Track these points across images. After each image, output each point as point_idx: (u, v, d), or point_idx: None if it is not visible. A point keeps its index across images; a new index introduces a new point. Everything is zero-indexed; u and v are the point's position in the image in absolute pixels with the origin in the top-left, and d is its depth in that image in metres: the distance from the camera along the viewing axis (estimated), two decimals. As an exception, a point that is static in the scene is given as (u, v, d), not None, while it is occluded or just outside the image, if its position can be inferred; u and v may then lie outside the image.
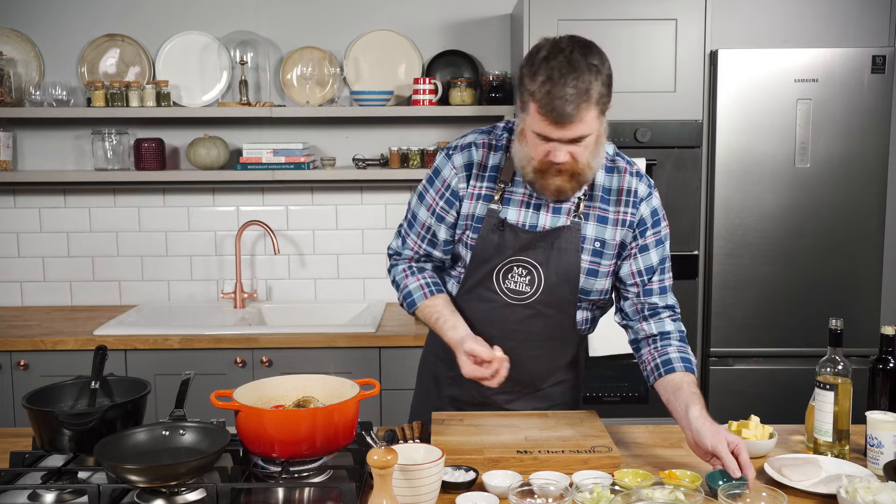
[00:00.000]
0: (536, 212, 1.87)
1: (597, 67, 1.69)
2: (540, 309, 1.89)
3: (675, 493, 1.44)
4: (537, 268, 1.86)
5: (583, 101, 1.65)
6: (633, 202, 1.89)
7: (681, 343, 1.90)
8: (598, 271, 1.89)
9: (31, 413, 1.65)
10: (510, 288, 1.89)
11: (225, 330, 3.05)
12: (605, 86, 1.71)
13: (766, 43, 3.42)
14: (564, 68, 1.65)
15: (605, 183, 1.89)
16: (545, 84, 1.65)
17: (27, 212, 3.55)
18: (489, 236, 1.87)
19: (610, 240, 1.88)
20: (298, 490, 1.59)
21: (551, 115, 1.66)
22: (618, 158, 1.93)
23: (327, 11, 3.53)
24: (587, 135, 1.71)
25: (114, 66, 3.49)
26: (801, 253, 3.14)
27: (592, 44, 1.75)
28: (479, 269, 1.90)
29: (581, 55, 1.68)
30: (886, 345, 1.81)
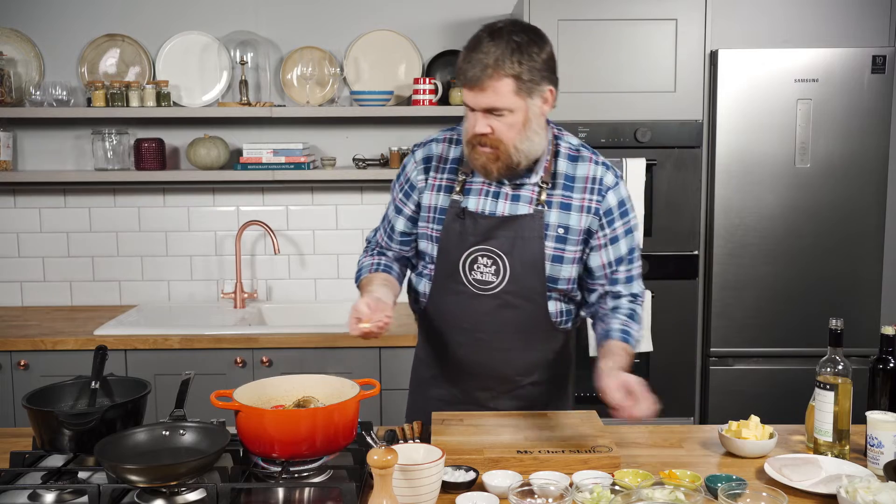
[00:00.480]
0: (495, 199, 1.91)
1: (518, 43, 1.75)
2: (508, 299, 1.91)
3: (675, 493, 1.44)
4: (501, 257, 1.89)
5: (491, 67, 1.73)
6: (599, 190, 1.91)
7: (627, 318, 1.93)
8: (562, 257, 1.91)
9: (31, 413, 1.65)
10: (476, 279, 1.91)
11: (225, 330, 3.05)
12: (528, 66, 1.75)
13: (766, 43, 3.42)
14: (483, 37, 1.77)
15: (567, 171, 1.92)
16: (463, 51, 1.79)
17: (27, 212, 3.55)
18: (451, 226, 1.91)
19: (574, 226, 1.91)
20: (298, 490, 1.58)
21: (463, 78, 1.77)
22: (582, 149, 1.96)
23: (327, 11, 3.53)
24: (502, 108, 1.76)
25: (114, 66, 3.49)
26: (800, 253, 3.14)
27: (534, 28, 1.81)
28: (446, 262, 1.93)
29: (507, 30, 1.77)
30: (886, 345, 1.81)
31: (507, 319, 1.93)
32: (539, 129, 1.84)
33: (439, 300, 1.97)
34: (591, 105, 3.07)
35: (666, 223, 3.12)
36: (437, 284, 1.97)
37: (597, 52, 3.05)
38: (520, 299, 1.91)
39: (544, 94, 1.81)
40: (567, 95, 3.05)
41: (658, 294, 3.12)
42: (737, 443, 1.79)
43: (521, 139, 1.81)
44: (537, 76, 1.77)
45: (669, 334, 3.15)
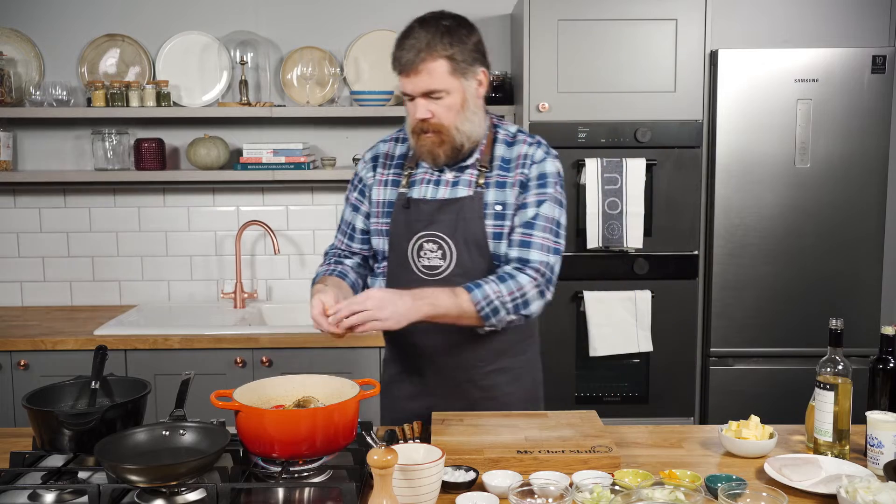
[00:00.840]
0: (436, 186, 1.98)
1: (447, 27, 1.84)
2: (457, 281, 1.91)
3: (675, 493, 1.44)
4: (445, 240, 1.94)
5: (424, 50, 1.82)
6: (526, 164, 1.97)
7: (493, 277, 1.87)
8: (502, 234, 1.95)
9: (31, 413, 1.65)
10: (425, 265, 1.96)
11: (225, 330, 3.05)
12: (459, 47, 1.85)
13: (766, 43, 3.42)
14: (414, 26, 1.88)
15: (504, 154, 1.99)
16: (397, 40, 1.88)
17: (27, 212, 3.55)
18: (398, 216, 1.98)
19: (510, 201, 1.95)
20: (298, 490, 1.58)
21: (397, 66, 1.86)
22: (519, 134, 2.03)
23: (327, 11, 3.53)
24: (440, 89, 1.84)
25: (114, 66, 3.49)
26: (801, 253, 3.14)
27: (460, 16, 1.91)
28: (397, 252, 1.98)
29: (435, 17, 1.86)
30: (886, 345, 1.81)
31: None
32: (477, 109, 1.93)
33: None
34: (591, 105, 3.07)
35: (666, 223, 3.12)
36: (390, 277, 2.01)
37: (597, 52, 3.05)
38: (468, 280, 1.91)
39: (478, 75, 1.91)
40: (567, 95, 3.06)
41: (658, 294, 3.12)
42: (737, 443, 1.78)
43: (462, 120, 1.89)
44: (469, 57, 1.87)
45: (669, 334, 3.15)
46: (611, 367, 3.17)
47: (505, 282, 1.86)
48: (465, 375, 2.02)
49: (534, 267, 1.89)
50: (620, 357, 3.15)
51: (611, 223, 3.05)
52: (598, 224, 3.05)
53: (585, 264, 3.12)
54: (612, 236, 3.05)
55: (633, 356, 3.16)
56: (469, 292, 1.83)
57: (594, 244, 3.05)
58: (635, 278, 3.13)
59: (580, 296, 3.10)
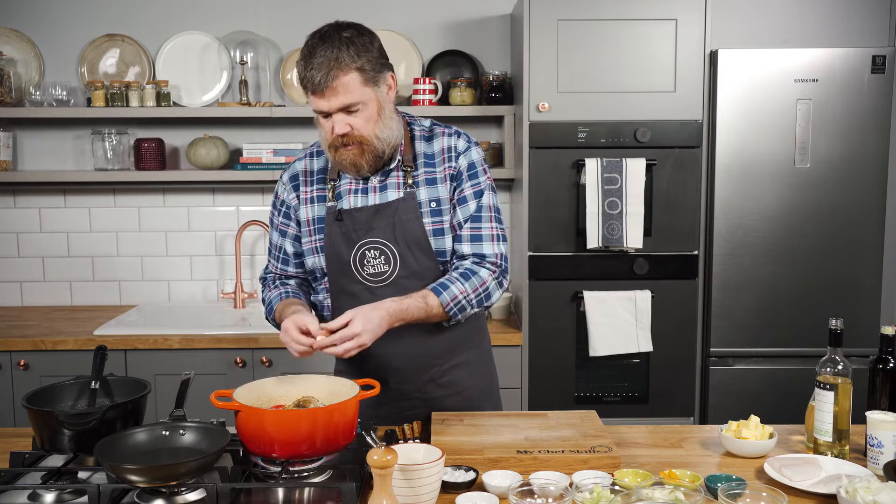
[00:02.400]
0: (365, 195, 1.97)
1: (349, 38, 1.83)
2: (404, 283, 1.93)
3: (675, 493, 1.44)
4: (387, 245, 1.94)
5: (333, 67, 1.79)
6: (453, 157, 1.98)
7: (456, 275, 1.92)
8: (442, 229, 1.96)
9: (31, 413, 1.65)
10: (370, 273, 1.95)
11: (225, 330, 3.05)
12: (364, 57, 1.83)
13: (766, 43, 3.42)
14: (315, 44, 1.83)
15: (424, 150, 1.99)
16: (301, 62, 1.83)
17: (27, 212, 3.55)
18: (332, 229, 1.96)
19: (444, 196, 1.97)
20: (298, 490, 1.58)
21: (310, 87, 1.81)
22: (434, 127, 2.03)
23: (327, 11, 3.52)
24: (355, 102, 1.82)
25: (114, 66, 3.49)
26: (801, 253, 3.14)
27: (355, 23, 1.90)
28: (337, 265, 1.97)
29: (334, 30, 1.85)
30: (886, 345, 1.81)
31: None
32: (392, 114, 1.92)
33: (341, 305, 1.97)
34: (591, 105, 3.07)
35: (666, 223, 3.12)
36: (334, 290, 2.00)
37: (597, 52, 3.05)
38: (415, 281, 1.94)
39: (387, 80, 1.90)
40: (567, 95, 3.06)
41: (658, 294, 3.12)
42: (737, 443, 1.79)
43: (381, 128, 1.88)
44: (377, 65, 1.86)
45: (669, 334, 3.15)
46: (611, 367, 3.17)
47: (469, 279, 1.92)
48: (426, 375, 2.01)
49: (490, 261, 1.96)
50: (620, 357, 3.15)
51: (611, 223, 3.05)
52: (597, 224, 3.05)
53: (585, 264, 3.12)
54: (611, 236, 3.05)
55: (633, 356, 3.16)
56: (437, 295, 1.88)
57: (594, 244, 3.05)
58: (635, 278, 3.13)
59: (580, 296, 3.10)
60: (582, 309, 3.11)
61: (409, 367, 2.00)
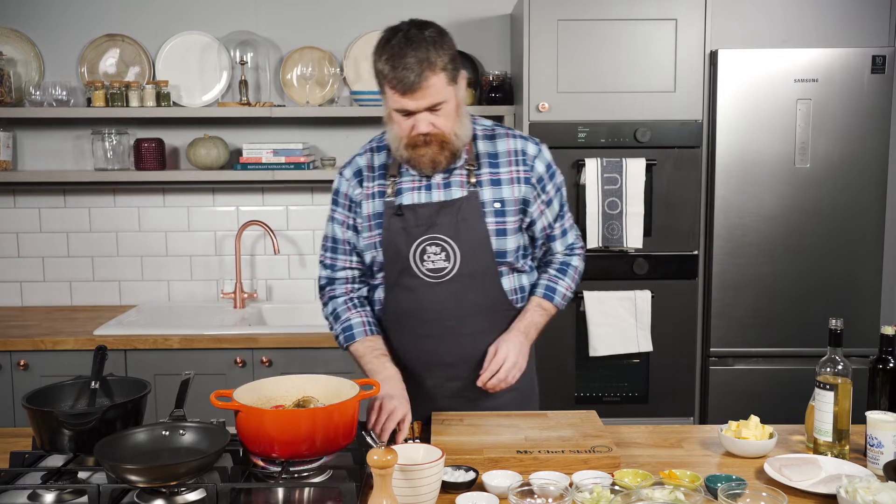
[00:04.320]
0: (428, 191, 1.98)
1: (434, 38, 1.84)
2: (464, 281, 1.95)
3: (675, 493, 1.44)
4: (449, 242, 1.95)
5: (425, 68, 1.80)
6: (524, 160, 2.01)
7: (555, 273, 2.11)
8: (505, 230, 1.98)
9: (31, 413, 1.65)
10: (429, 268, 1.96)
11: (225, 330, 3.05)
12: (447, 55, 1.85)
13: (766, 43, 3.42)
14: (402, 43, 1.82)
15: (488, 150, 2.02)
16: (388, 61, 1.82)
17: (27, 212, 3.55)
18: (392, 224, 1.97)
19: (508, 197, 1.99)
20: (298, 490, 1.58)
21: (400, 87, 1.82)
22: (496, 127, 2.06)
23: (327, 11, 3.53)
24: (441, 101, 1.85)
25: (114, 66, 3.49)
26: (800, 253, 3.14)
27: (429, 22, 1.90)
28: (395, 259, 1.97)
29: (417, 30, 1.84)
30: (886, 345, 1.81)
31: (468, 302, 1.97)
32: (465, 112, 1.96)
33: (397, 298, 2.00)
34: (591, 105, 3.07)
35: (666, 223, 3.12)
36: (389, 284, 2.01)
37: (597, 52, 3.05)
38: (474, 279, 1.96)
39: (462, 78, 1.93)
40: (567, 95, 3.06)
41: (658, 294, 3.12)
42: (737, 443, 1.79)
43: (458, 125, 1.92)
44: (457, 63, 1.89)
45: (669, 334, 3.15)
46: (611, 367, 3.17)
47: (567, 273, 2.11)
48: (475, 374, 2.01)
49: (577, 245, 2.16)
50: (620, 357, 3.15)
51: (611, 223, 3.05)
52: (597, 224, 3.05)
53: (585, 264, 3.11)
54: (611, 236, 3.05)
55: (633, 356, 3.16)
56: (551, 301, 2.07)
57: (594, 244, 3.05)
58: (635, 278, 3.13)
59: (580, 296, 3.10)
60: (582, 309, 3.11)
61: (463, 366, 2.00)
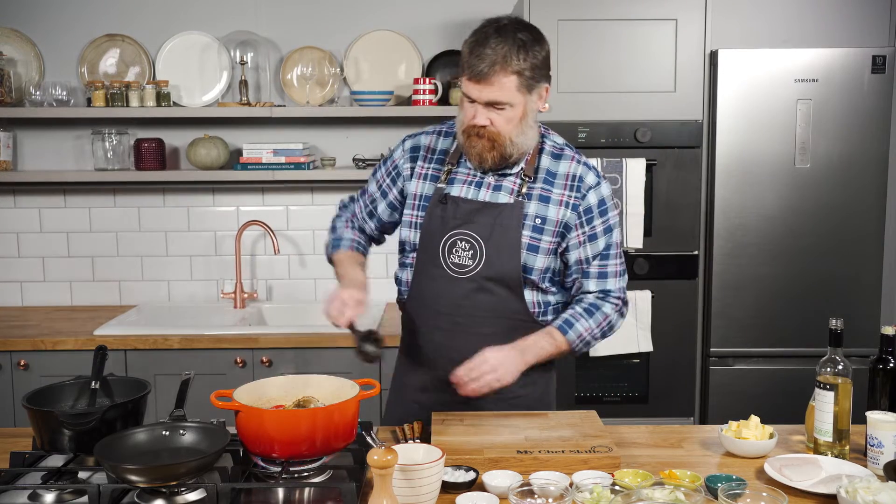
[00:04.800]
0: (478, 188, 1.98)
1: (524, 42, 1.82)
2: (483, 283, 1.95)
3: (675, 493, 1.44)
4: (479, 241, 1.94)
5: (499, 63, 1.80)
6: (579, 187, 1.98)
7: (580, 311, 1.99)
8: (538, 247, 1.96)
9: (31, 413, 1.65)
10: (454, 262, 1.96)
11: (225, 330, 3.05)
12: (531, 63, 1.83)
13: (766, 43, 3.42)
14: (490, 33, 1.82)
15: (550, 167, 2.00)
16: (470, 44, 1.84)
17: (27, 212, 3.55)
18: (434, 211, 1.98)
19: (552, 217, 1.96)
20: (298, 490, 1.58)
21: (469, 71, 1.83)
22: (566, 148, 2.04)
23: (327, 11, 3.53)
24: (505, 102, 1.84)
25: (114, 66, 3.49)
26: (801, 253, 3.14)
27: (534, 27, 1.88)
28: (428, 246, 1.98)
29: (513, 29, 1.83)
30: (886, 345, 1.81)
31: (484, 304, 1.96)
32: (533, 124, 1.94)
33: (420, 284, 2.02)
34: (591, 105, 3.07)
35: (666, 223, 3.12)
36: (418, 269, 2.02)
37: (597, 52, 3.05)
38: (495, 284, 1.95)
39: (541, 91, 1.91)
40: (567, 95, 3.06)
41: (658, 294, 3.12)
42: (737, 443, 1.79)
43: (518, 133, 1.89)
44: (538, 74, 1.87)
45: (669, 334, 3.15)
46: (611, 367, 3.17)
47: (593, 315, 1.98)
48: None
49: (615, 295, 2.01)
50: (620, 357, 3.15)
51: (611, 223, 3.04)
52: (598, 224, 3.04)
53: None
54: (612, 236, 3.05)
55: (633, 356, 3.16)
56: (564, 334, 1.95)
57: (594, 244, 3.05)
58: (635, 278, 3.12)
59: (580, 296, 3.10)
60: (582, 309, 3.11)
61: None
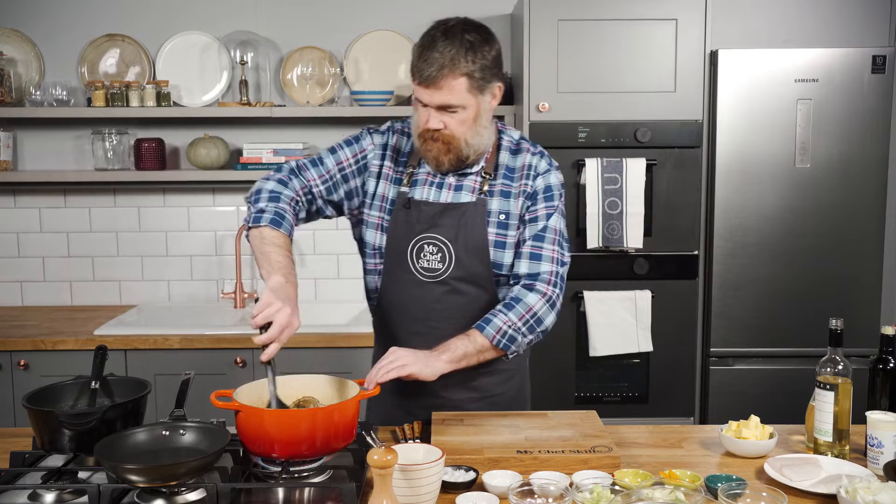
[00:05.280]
0: (439, 189, 1.97)
1: (472, 43, 1.81)
2: (454, 285, 1.94)
3: (675, 493, 1.44)
4: (447, 244, 1.94)
5: (447, 67, 1.79)
6: (531, 175, 1.98)
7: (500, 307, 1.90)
8: (505, 243, 1.96)
9: (31, 413, 1.65)
10: (423, 266, 1.95)
11: (225, 330, 3.05)
12: (480, 64, 1.82)
13: (766, 43, 3.42)
14: (438, 36, 1.81)
15: (508, 163, 1.99)
16: (419, 48, 1.83)
17: (27, 212, 3.55)
18: (398, 215, 1.96)
19: (514, 212, 1.96)
20: (298, 490, 1.58)
21: (418, 76, 1.82)
22: (522, 142, 2.03)
23: (327, 11, 3.53)
24: (457, 105, 1.83)
25: (114, 66, 3.49)
26: (801, 253, 3.14)
27: (484, 27, 1.88)
28: (395, 251, 1.97)
29: (461, 30, 1.82)
30: (886, 345, 1.81)
31: (456, 306, 1.96)
32: (488, 123, 1.93)
33: (391, 291, 2.00)
34: (591, 105, 3.07)
35: (666, 223, 3.12)
36: (387, 275, 2.00)
37: (597, 52, 3.05)
38: (467, 285, 1.95)
39: (493, 90, 1.89)
40: (567, 95, 3.06)
41: (658, 294, 3.12)
42: (737, 443, 1.79)
43: (472, 134, 1.89)
44: (489, 74, 1.85)
45: (669, 334, 3.15)
46: (611, 367, 3.17)
47: (513, 308, 1.89)
48: (458, 377, 1.97)
49: (544, 279, 1.92)
50: (620, 357, 3.15)
51: (611, 223, 3.05)
52: (598, 224, 3.05)
53: (585, 264, 3.12)
54: (612, 236, 3.05)
55: (633, 356, 3.16)
56: (481, 331, 1.87)
57: (594, 244, 3.05)
58: (635, 278, 3.13)
59: (580, 296, 3.10)
60: (582, 309, 3.11)
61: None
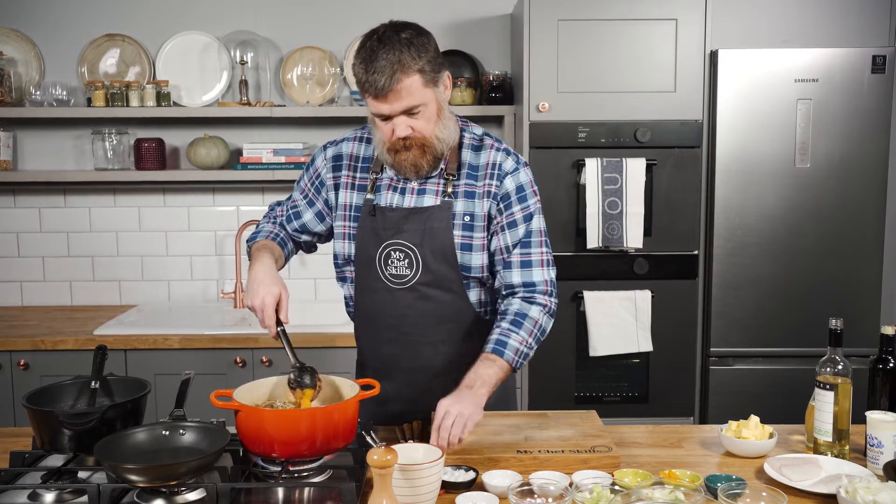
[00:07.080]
0: (402, 195, 1.94)
1: (409, 40, 1.80)
2: (424, 291, 1.93)
3: (675, 493, 1.44)
4: (413, 249, 1.91)
5: (397, 70, 1.75)
6: (498, 175, 1.93)
7: (508, 326, 1.88)
8: (471, 245, 1.93)
9: (31, 413, 1.65)
10: (392, 273, 1.94)
11: (225, 330, 3.05)
12: (426, 58, 1.80)
13: (766, 43, 3.42)
14: (375, 46, 1.78)
15: (471, 161, 1.96)
16: (362, 65, 1.78)
17: (27, 212, 3.55)
18: (364, 223, 1.95)
19: (479, 213, 1.93)
20: (298, 490, 1.58)
21: (373, 91, 1.77)
22: (486, 137, 2.00)
23: (327, 11, 3.53)
24: (417, 104, 1.80)
25: (114, 66, 3.49)
26: (801, 253, 3.14)
27: (411, 23, 1.86)
28: (364, 260, 1.96)
29: (392, 31, 1.80)
30: (886, 345, 1.81)
31: (428, 311, 1.94)
32: (449, 115, 1.91)
33: (364, 299, 2.00)
34: (591, 105, 3.07)
35: (666, 223, 3.12)
36: (359, 284, 2.00)
37: (597, 52, 3.05)
38: (436, 290, 1.93)
39: (444, 80, 1.88)
40: (567, 95, 3.06)
41: (658, 294, 3.12)
42: (736, 443, 1.79)
43: (440, 129, 1.87)
44: (436, 65, 1.83)
45: (669, 334, 3.15)
46: (611, 367, 3.17)
47: (522, 326, 1.88)
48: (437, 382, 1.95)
49: (541, 290, 1.93)
50: (620, 357, 3.15)
51: (611, 223, 3.05)
52: (598, 224, 3.05)
53: (585, 264, 3.12)
54: (612, 236, 3.05)
55: (633, 356, 3.16)
56: (501, 356, 1.84)
57: (594, 244, 3.05)
58: (635, 278, 3.13)
59: (580, 296, 3.10)
60: (582, 309, 3.11)
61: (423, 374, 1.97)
